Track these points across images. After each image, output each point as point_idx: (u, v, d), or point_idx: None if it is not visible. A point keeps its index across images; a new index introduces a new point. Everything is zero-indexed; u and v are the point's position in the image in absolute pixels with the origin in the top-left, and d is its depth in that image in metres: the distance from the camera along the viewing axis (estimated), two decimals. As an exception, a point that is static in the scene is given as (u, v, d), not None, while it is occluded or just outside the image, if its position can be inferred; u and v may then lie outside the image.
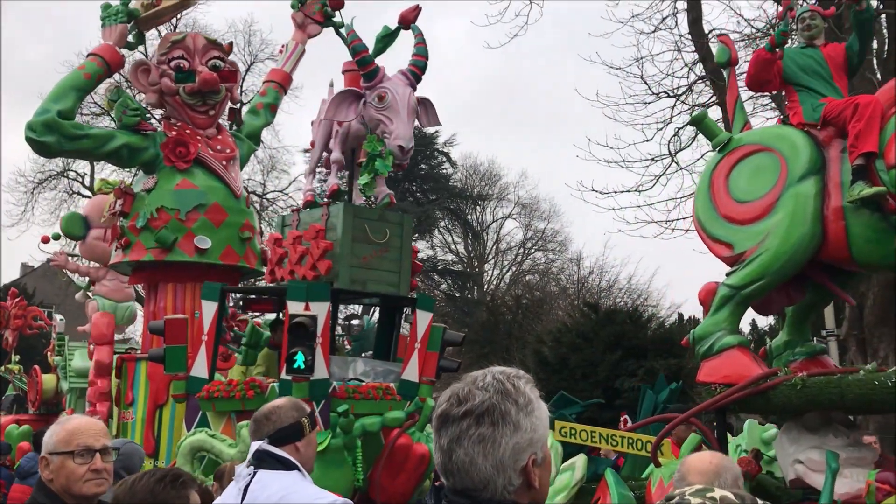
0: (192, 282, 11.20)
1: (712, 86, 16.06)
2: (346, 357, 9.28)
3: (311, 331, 8.16)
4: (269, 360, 9.53)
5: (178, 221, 10.75)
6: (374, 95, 8.68)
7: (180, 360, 8.94)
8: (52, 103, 10.49)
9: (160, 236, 10.56)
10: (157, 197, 10.83)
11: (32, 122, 10.34)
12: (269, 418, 3.69)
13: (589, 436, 5.73)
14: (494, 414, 1.94)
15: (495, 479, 1.93)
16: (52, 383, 14.02)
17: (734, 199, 5.79)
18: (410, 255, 9.39)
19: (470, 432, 1.94)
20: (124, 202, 10.76)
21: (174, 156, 10.81)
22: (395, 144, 8.52)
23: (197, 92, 11.10)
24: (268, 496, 3.45)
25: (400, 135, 8.50)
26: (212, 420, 8.76)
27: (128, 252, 10.82)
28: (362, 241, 8.97)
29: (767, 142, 5.86)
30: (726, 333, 5.78)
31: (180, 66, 11.12)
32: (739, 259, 5.68)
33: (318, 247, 8.73)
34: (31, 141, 10.36)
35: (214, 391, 8.55)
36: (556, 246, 41.64)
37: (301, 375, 8.24)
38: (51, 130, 10.32)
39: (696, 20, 16.02)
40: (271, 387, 8.57)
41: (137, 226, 10.70)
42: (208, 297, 9.03)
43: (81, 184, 38.03)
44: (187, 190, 10.90)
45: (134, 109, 10.91)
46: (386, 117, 8.61)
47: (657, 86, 16.71)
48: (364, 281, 8.96)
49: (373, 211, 9.23)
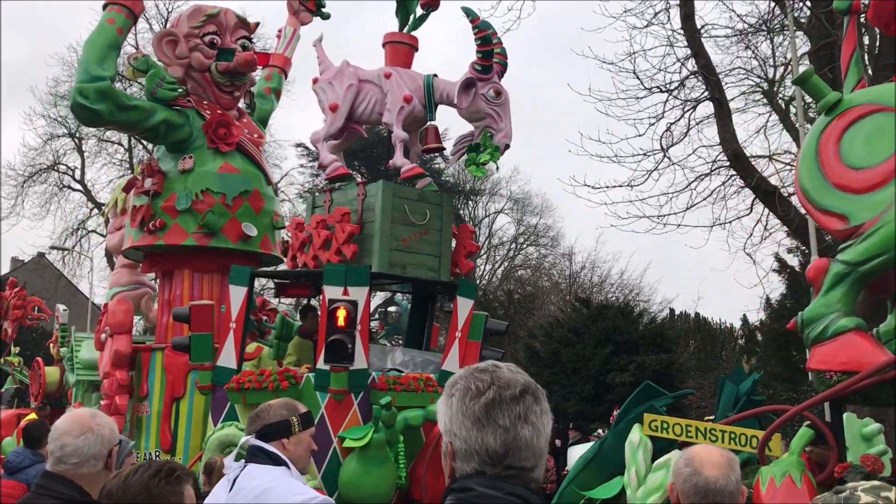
0: (212, 270, 10.63)
1: (704, 81, 15.98)
2: (383, 346, 8.69)
3: (351, 317, 7.60)
4: (300, 349, 8.95)
5: (223, 206, 10.09)
6: (489, 89, 8.52)
7: (206, 348, 8.35)
8: (97, 67, 9.62)
9: (208, 221, 9.89)
10: (200, 179, 10.12)
11: (84, 89, 9.48)
12: (260, 415, 3.80)
13: (683, 430, 5.18)
14: (540, 394, 2.07)
15: (543, 457, 2.06)
16: (56, 376, 13.37)
17: (848, 166, 5.22)
18: (451, 238, 8.84)
19: (535, 408, 2.03)
20: (157, 181, 10.07)
21: (216, 137, 10.19)
22: (504, 142, 8.54)
23: (229, 72, 10.50)
24: (252, 488, 3.55)
25: (509, 133, 8.59)
26: (241, 413, 8.16)
27: (162, 235, 10.06)
28: (402, 223, 8.42)
29: (886, 100, 5.27)
30: (841, 315, 5.21)
31: (213, 42, 10.50)
32: (856, 232, 5.11)
33: (343, 230, 8.17)
34: (83, 108, 9.53)
35: (245, 382, 7.95)
36: (549, 241, 41.41)
37: (340, 365, 7.69)
38: (104, 98, 9.53)
39: (689, 15, 15.92)
40: (306, 377, 8.00)
41: (178, 208, 9.98)
42: (237, 281, 8.43)
43: (72, 177, 37.52)
44: (231, 174, 10.27)
45: (171, 83, 10.20)
46: (497, 114, 8.54)
47: (649, 81, 16.68)
48: (403, 265, 8.40)
49: (412, 191, 8.66)
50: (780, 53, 17.49)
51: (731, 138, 15.62)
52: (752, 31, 17.07)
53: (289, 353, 9.05)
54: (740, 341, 40.76)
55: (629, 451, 5.55)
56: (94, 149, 37.41)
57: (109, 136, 37.51)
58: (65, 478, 3.20)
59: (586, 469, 5.81)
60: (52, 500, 3.17)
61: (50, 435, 3.32)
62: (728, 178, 16.87)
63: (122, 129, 9.85)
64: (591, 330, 23.63)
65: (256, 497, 3.52)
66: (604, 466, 5.82)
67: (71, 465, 3.21)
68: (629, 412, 5.85)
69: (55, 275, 37.76)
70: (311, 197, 9.27)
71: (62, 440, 3.23)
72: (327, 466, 7.83)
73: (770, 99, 17.49)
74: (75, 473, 3.21)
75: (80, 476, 3.21)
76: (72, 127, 36.62)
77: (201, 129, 10.24)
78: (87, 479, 3.21)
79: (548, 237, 41.73)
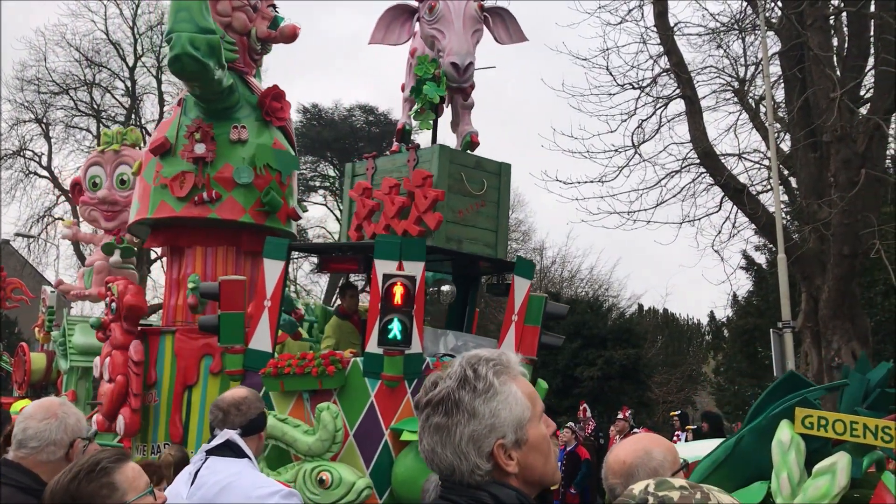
0: (225, 244, 9.72)
1: (676, 78, 16.09)
2: (435, 329, 7.83)
3: (410, 294, 6.74)
4: (339, 331, 8.07)
5: (277, 184, 9.31)
6: (424, 7, 7.27)
7: (238, 329, 7.44)
8: (203, 17, 8.29)
9: (271, 199, 9.08)
10: (260, 153, 9.28)
11: (196, 39, 8.12)
12: (240, 409, 3.73)
13: (847, 428, 4.38)
14: (448, 403, 1.92)
15: (458, 465, 1.90)
16: (42, 363, 12.29)
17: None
18: (508, 212, 8.00)
19: (429, 422, 1.94)
20: (213, 149, 9.04)
21: (271, 110, 9.30)
22: (448, 62, 7.09)
23: (266, 39, 9.62)
24: (215, 482, 3.51)
25: (453, 49, 7.05)
26: (276, 401, 7.27)
27: (215, 208, 9.12)
28: (458, 193, 7.57)
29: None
30: None
31: (256, 6, 9.62)
32: None
33: (425, 196, 7.21)
34: (194, 60, 8.19)
35: (285, 367, 7.04)
36: (520, 235, 41.02)
37: (396, 348, 6.83)
38: (214, 52, 8.32)
39: (662, 13, 16.00)
40: (353, 361, 7.13)
41: (239, 181, 9.06)
42: (273, 255, 7.50)
43: (38, 164, 36.43)
44: (284, 151, 9.50)
45: (231, 42, 9.23)
46: (437, 31, 7.18)
47: (622, 77, 16.84)
48: (460, 239, 7.56)
49: (470, 157, 7.80)
50: (752, 53, 17.82)
51: (702, 136, 15.77)
52: (725, 30, 17.38)
53: (326, 335, 8.14)
54: (707, 337, 40.81)
55: (778, 453, 4.69)
56: (61, 135, 36.36)
57: (77, 122, 36.32)
58: (22, 466, 3.15)
59: (716, 472, 4.94)
60: (6, 487, 3.10)
61: (16, 419, 3.27)
62: (698, 175, 17.09)
63: (210, 88, 8.66)
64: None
65: (220, 491, 3.48)
66: (739, 470, 4.96)
67: (31, 450, 3.16)
68: (769, 405, 5.01)
69: (20, 262, 36.33)
70: (352, 164, 8.37)
71: (26, 423, 3.19)
72: (377, 461, 6.97)
73: (741, 98, 17.58)
74: (35, 460, 3.15)
75: (39, 463, 3.15)
76: (38, 112, 35.51)
77: (258, 98, 9.41)
78: (45, 468, 3.13)
79: (519, 232, 41.41)
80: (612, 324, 24.91)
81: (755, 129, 17.68)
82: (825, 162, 14.86)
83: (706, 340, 40.65)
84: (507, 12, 7.69)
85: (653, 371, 31.80)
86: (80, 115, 36.36)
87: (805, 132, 14.98)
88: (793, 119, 16.04)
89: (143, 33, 35.76)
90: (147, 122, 35.82)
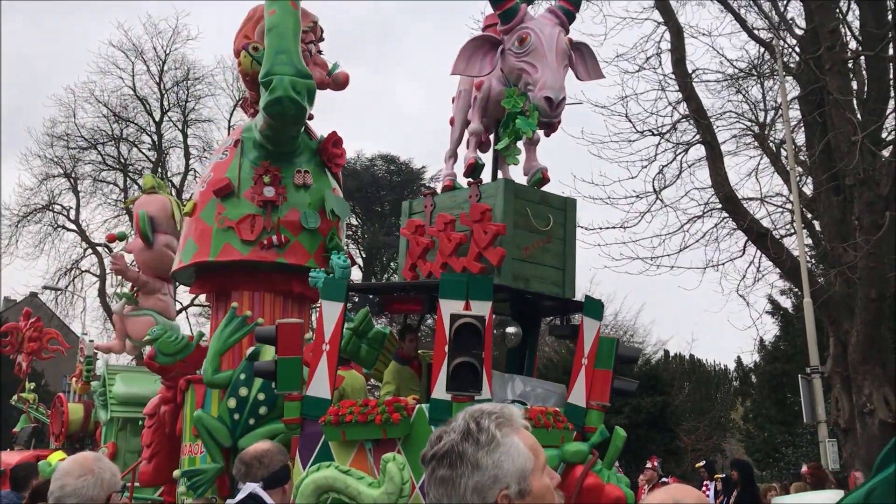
0: (273, 290, 9.42)
1: (696, 124, 16.06)
2: (502, 373, 7.42)
3: (480, 336, 6.34)
4: (399, 377, 7.66)
5: (336, 230, 9.22)
6: (513, 39, 6.92)
7: (295, 374, 7.04)
8: (301, 61, 8.40)
9: (336, 244, 8.96)
10: (326, 199, 9.20)
11: (298, 83, 8.25)
12: (262, 461, 3.73)
13: None
14: (452, 456, 1.94)
15: None
16: (80, 413, 11.95)
17: None
18: (575, 249, 7.62)
19: (434, 475, 1.96)
20: (282, 192, 8.90)
21: (332, 156, 9.14)
22: (541, 96, 6.70)
23: (320, 85, 9.53)
24: None
25: (547, 83, 6.69)
26: (337, 452, 6.85)
27: (282, 252, 8.98)
28: (524, 228, 7.21)
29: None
30: None
31: (310, 50, 9.50)
32: None
33: (484, 231, 6.85)
34: (295, 104, 8.30)
35: (346, 414, 6.63)
36: (543, 282, 40.56)
37: (466, 394, 6.40)
38: (311, 97, 8.56)
39: (680, 60, 16.05)
40: (418, 408, 6.71)
41: (307, 226, 8.96)
42: (331, 296, 7.13)
43: (66, 217, 36.74)
44: (340, 198, 9.40)
45: None
46: (528, 64, 6.83)
47: (641, 124, 16.83)
48: (527, 277, 7.17)
49: (535, 192, 7.45)
50: (771, 97, 17.85)
51: (723, 181, 15.71)
52: (743, 75, 17.50)
53: (386, 381, 7.73)
54: (735, 383, 40.06)
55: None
56: (89, 189, 36.66)
57: (105, 176, 36.56)
58: None
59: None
60: None
61: (53, 476, 3.26)
62: (720, 220, 17.02)
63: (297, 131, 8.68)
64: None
65: None
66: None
67: None
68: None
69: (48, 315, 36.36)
70: (408, 202, 8.04)
71: (63, 480, 3.20)
72: (446, 516, 6.51)
73: (761, 142, 17.55)
74: None
75: None
76: (67, 167, 35.84)
77: (319, 144, 9.33)
78: None
79: (542, 279, 40.93)
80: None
81: (777, 173, 17.66)
82: (848, 205, 14.66)
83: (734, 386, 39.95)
84: (588, 48, 7.43)
85: (680, 418, 31.14)
86: (108, 168, 36.72)
87: (827, 175, 14.82)
88: (815, 162, 15.94)
89: (169, 89, 36.29)
90: (173, 174, 36.06)
